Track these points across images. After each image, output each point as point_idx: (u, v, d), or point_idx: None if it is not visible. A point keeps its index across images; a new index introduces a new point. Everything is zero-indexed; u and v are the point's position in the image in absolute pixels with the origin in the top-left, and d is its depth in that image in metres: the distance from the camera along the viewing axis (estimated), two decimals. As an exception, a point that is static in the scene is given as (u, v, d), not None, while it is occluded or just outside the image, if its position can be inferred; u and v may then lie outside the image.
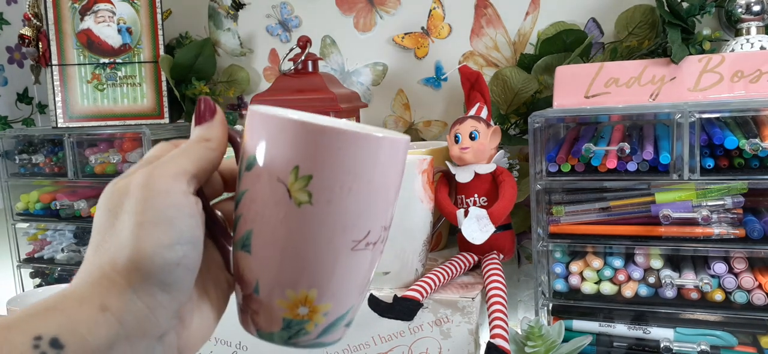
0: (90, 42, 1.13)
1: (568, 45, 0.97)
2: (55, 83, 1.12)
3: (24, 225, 1.19)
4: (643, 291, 0.77)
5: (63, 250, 1.17)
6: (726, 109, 0.74)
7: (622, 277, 0.78)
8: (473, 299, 0.75)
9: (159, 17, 1.14)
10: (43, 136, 1.15)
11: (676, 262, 0.79)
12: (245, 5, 1.21)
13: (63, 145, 1.10)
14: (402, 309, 0.72)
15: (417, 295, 0.73)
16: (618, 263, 0.78)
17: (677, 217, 0.74)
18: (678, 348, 0.74)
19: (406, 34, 1.12)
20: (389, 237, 0.36)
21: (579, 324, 0.81)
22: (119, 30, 1.14)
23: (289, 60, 1.01)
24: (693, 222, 0.74)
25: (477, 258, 0.86)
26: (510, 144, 1.02)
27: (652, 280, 0.77)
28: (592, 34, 0.99)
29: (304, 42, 1.01)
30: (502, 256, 0.86)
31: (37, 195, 1.15)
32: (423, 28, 1.11)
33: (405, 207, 0.77)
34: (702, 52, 0.83)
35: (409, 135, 1.12)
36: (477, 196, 0.85)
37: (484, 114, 0.87)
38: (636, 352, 0.78)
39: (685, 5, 0.86)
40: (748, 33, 0.85)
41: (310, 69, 1.01)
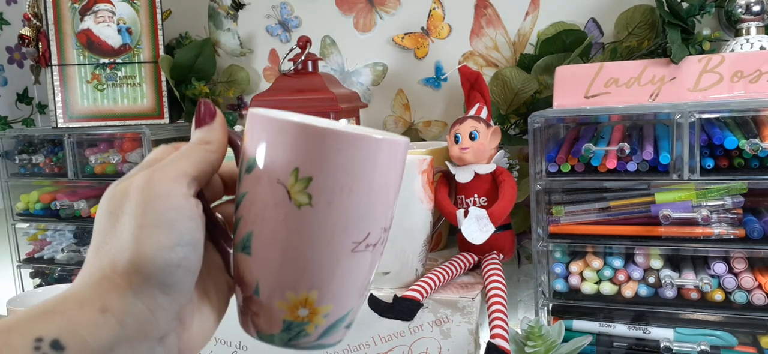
0: (90, 42, 1.13)
1: (567, 45, 0.97)
2: (55, 83, 1.12)
3: (24, 225, 1.19)
4: (643, 291, 0.78)
5: (63, 250, 1.17)
6: (726, 109, 0.74)
7: (622, 277, 0.78)
8: (473, 299, 0.75)
9: (159, 17, 1.14)
10: (43, 136, 1.15)
11: (676, 262, 0.80)
12: (245, 5, 1.21)
13: (63, 145, 1.10)
14: (402, 309, 0.72)
15: (417, 295, 0.73)
16: (618, 263, 0.78)
17: (677, 217, 0.74)
18: (678, 348, 0.74)
19: (406, 34, 1.12)
20: (389, 237, 0.36)
21: (579, 324, 0.81)
22: (119, 30, 1.14)
23: (289, 60, 1.01)
24: (693, 222, 0.74)
25: (477, 258, 0.86)
26: (510, 144, 1.02)
27: (652, 280, 0.77)
28: (591, 34, 0.99)
29: (304, 42, 1.01)
30: (502, 256, 0.86)
31: (37, 195, 1.15)
32: (423, 28, 1.11)
33: (405, 207, 0.77)
34: (702, 52, 0.83)
35: (409, 135, 1.13)
36: (477, 196, 0.85)
37: (484, 114, 0.87)
38: (636, 352, 0.78)
39: (685, 5, 0.86)
40: (747, 33, 0.85)
41: (310, 69, 1.01)
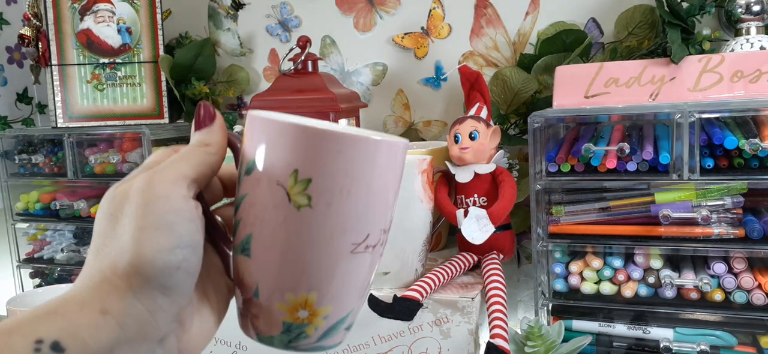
0: (90, 42, 1.13)
1: (567, 45, 0.97)
2: (55, 83, 1.12)
3: (24, 225, 1.19)
4: (643, 291, 0.78)
5: (63, 250, 1.17)
6: (726, 109, 0.74)
7: (621, 277, 0.78)
8: (473, 299, 0.75)
9: (159, 17, 1.14)
10: (43, 136, 1.15)
11: (675, 262, 0.80)
12: (245, 5, 1.21)
13: (63, 145, 1.10)
14: (402, 309, 0.72)
15: (417, 295, 0.73)
16: (618, 263, 0.78)
17: (677, 217, 0.74)
18: (678, 348, 0.75)
19: (405, 34, 1.11)
20: (389, 237, 0.36)
21: (579, 324, 0.81)
22: (119, 30, 1.14)
23: (289, 60, 1.01)
24: (693, 222, 0.74)
25: (477, 258, 0.86)
26: (510, 144, 1.02)
27: (651, 280, 0.77)
28: (591, 34, 0.99)
29: (303, 42, 1.01)
30: (501, 256, 0.86)
31: (37, 195, 1.15)
32: (423, 28, 1.11)
33: (405, 207, 0.77)
34: (702, 52, 0.83)
35: (409, 135, 1.13)
36: (477, 196, 0.85)
37: (483, 114, 0.87)
38: (636, 352, 0.78)
39: (685, 5, 0.86)
40: (747, 33, 0.85)
41: (309, 69, 1.01)
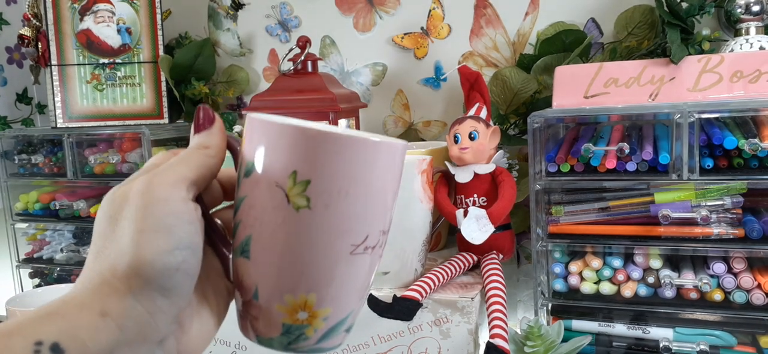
0: (89, 42, 1.13)
1: (567, 45, 0.97)
2: (55, 83, 1.12)
3: (23, 225, 1.19)
4: (643, 291, 0.78)
5: (62, 250, 1.17)
6: (725, 109, 0.74)
7: (621, 277, 0.78)
8: (472, 299, 0.75)
9: (158, 17, 1.14)
10: (43, 136, 1.15)
11: (675, 262, 0.80)
12: (245, 5, 1.21)
13: (62, 146, 1.10)
14: (401, 309, 0.72)
15: (416, 295, 0.73)
16: (617, 263, 0.79)
17: (676, 217, 0.74)
18: (677, 348, 0.75)
19: (405, 34, 1.11)
20: (389, 237, 0.36)
21: (578, 324, 0.81)
22: (119, 30, 1.14)
23: (289, 60, 1.01)
24: (692, 222, 0.74)
25: (476, 258, 0.86)
26: (509, 144, 1.02)
27: (651, 280, 0.77)
28: (591, 34, 0.99)
29: (303, 42, 1.01)
30: (501, 256, 0.86)
31: (37, 195, 1.15)
32: (422, 28, 1.11)
33: (404, 207, 0.77)
34: (701, 52, 0.83)
35: (409, 135, 1.13)
36: (476, 196, 0.85)
37: (483, 114, 0.87)
38: (635, 351, 0.78)
39: (685, 5, 0.86)
40: (747, 33, 0.85)
41: (309, 69, 1.01)
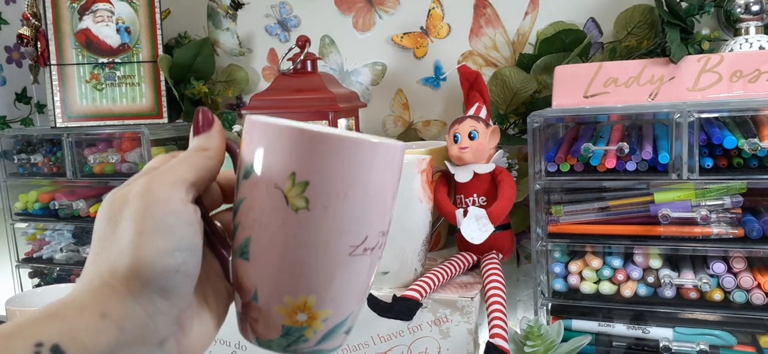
0: (89, 42, 1.13)
1: (567, 45, 0.97)
2: (54, 83, 1.12)
3: (23, 225, 1.19)
4: (642, 290, 0.78)
5: (62, 249, 1.17)
6: (725, 109, 0.74)
7: (621, 277, 0.78)
8: (472, 299, 0.75)
9: (158, 17, 1.14)
10: (42, 135, 1.15)
11: (675, 261, 0.80)
12: (244, 5, 1.21)
13: (62, 145, 1.10)
14: (401, 309, 0.72)
15: (416, 295, 0.73)
16: (617, 263, 0.79)
17: (676, 217, 0.74)
18: (677, 347, 0.75)
19: (405, 33, 1.11)
20: (388, 237, 0.36)
21: (578, 324, 0.81)
22: (118, 30, 1.14)
23: (288, 60, 1.01)
24: (692, 222, 0.74)
25: (476, 258, 0.86)
26: (509, 144, 1.02)
27: (651, 279, 0.77)
28: (591, 33, 0.99)
29: (303, 42, 1.01)
30: (501, 255, 0.86)
31: (36, 195, 1.15)
32: (422, 27, 1.11)
33: (404, 207, 0.77)
34: (701, 51, 0.83)
35: (409, 135, 1.13)
36: (476, 195, 0.85)
37: (483, 114, 0.87)
38: (635, 351, 0.78)
39: (684, 5, 0.86)
40: (746, 33, 0.85)
41: (309, 69, 1.01)
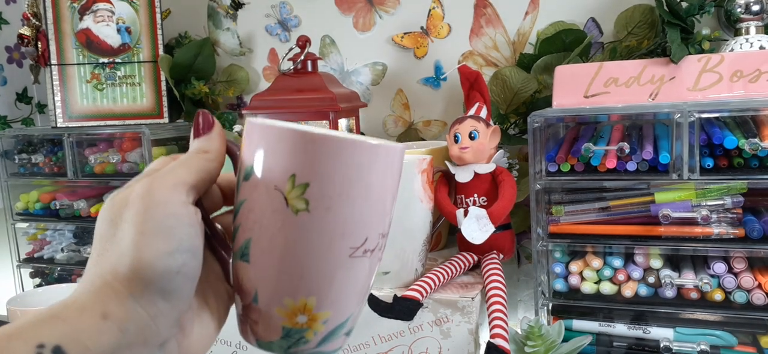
0: (89, 41, 1.13)
1: (567, 45, 0.97)
2: (55, 83, 1.12)
3: (24, 225, 1.19)
4: (643, 291, 0.78)
5: (63, 249, 1.17)
6: (725, 109, 0.74)
7: (621, 277, 0.78)
8: (473, 299, 0.75)
9: (158, 17, 1.14)
10: (43, 135, 1.15)
11: (675, 261, 0.80)
12: (244, 5, 1.21)
13: (62, 145, 1.10)
14: (402, 309, 0.72)
15: (417, 295, 0.73)
16: (618, 263, 0.79)
17: (677, 217, 0.74)
18: (678, 348, 0.75)
19: (405, 33, 1.11)
20: (389, 237, 0.36)
21: (579, 324, 0.81)
22: (118, 29, 1.14)
23: (289, 60, 1.01)
24: (692, 222, 0.74)
25: (477, 258, 0.86)
26: (509, 144, 1.02)
27: (651, 279, 0.77)
28: (591, 33, 0.99)
29: (303, 41, 1.01)
30: (501, 255, 0.86)
31: (37, 195, 1.15)
32: (422, 27, 1.11)
33: (405, 207, 0.77)
34: (701, 51, 0.83)
35: (409, 135, 1.13)
36: (477, 195, 0.85)
37: (483, 114, 0.87)
38: (636, 351, 0.78)
39: (685, 5, 0.86)
40: (747, 33, 0.85)
41: (309, 69, 1.01)
